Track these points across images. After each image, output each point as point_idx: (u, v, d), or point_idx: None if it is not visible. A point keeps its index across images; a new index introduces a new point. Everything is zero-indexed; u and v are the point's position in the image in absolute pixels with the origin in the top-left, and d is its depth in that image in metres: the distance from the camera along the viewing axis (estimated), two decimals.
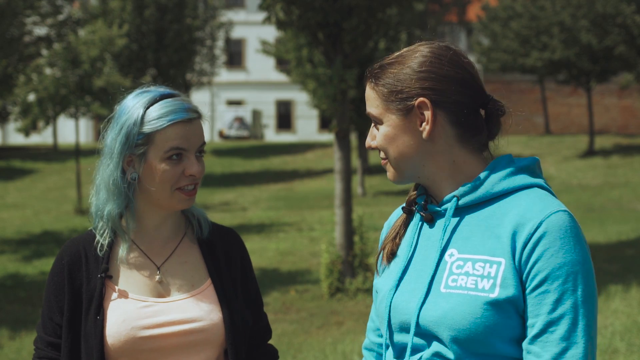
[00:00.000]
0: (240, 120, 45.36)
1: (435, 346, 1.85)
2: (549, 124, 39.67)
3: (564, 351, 1.76)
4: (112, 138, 2.26)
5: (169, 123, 2.22)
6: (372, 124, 1.99)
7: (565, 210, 1.83)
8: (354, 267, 12.03)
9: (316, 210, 22.12)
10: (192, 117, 2.25)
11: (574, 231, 1.82)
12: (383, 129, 1.94)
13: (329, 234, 17.12)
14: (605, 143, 32.74)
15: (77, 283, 2.27)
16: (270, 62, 45.00)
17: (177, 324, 2.24)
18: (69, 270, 2.27)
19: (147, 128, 2.22)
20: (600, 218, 18.75)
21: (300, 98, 42.95)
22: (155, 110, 2.23)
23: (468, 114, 1.91)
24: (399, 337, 1.94)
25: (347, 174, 12.13)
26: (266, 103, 47.99)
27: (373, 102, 1.96)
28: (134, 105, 2.25)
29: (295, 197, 25.19)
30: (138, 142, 2.23)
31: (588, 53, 29.09)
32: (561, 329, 1.77)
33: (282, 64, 40.35)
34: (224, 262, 2.37)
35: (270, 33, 37.15)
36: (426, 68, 1.91)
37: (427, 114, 1.90)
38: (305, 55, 17.93)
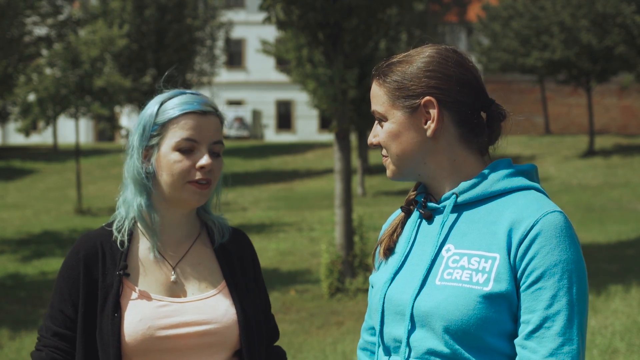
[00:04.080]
0: (240, 120, 45.35)
1: (429, 341, 1.87)
2: (549, 124, 39.66)
3: (560, 347, 1.79)
4: (133, 133, 2.31)
5: (180, 112, 2.25)
6: (376, 122, 2.02)
7: (560, 211, 1.87)
8: (354, 267, 12.03)
9: (316, 210, 22.12)
10: (206, 110, 2.27)
11: (569, 231, 1.85)
12: (387, 125, 1.98)
13: (329, 234, 17.12)
14: (605, 143, 32.73)
15: (93, 278, 2.26)
16: (270, 62, 44.98)
17: (194, 325, 2.23)
18: (85, 264, 2.26)
19: (160, 118, 2.26)
20: (600, 218, 18.75)
21: (300, 98, 42.94)
22: (170, 103, 2.28)
23: (471, 114, 1.96)
24: (392, 330, 1.96)
25: (347, 174, 12.12)
26: (266, 103, 47.98)
27: (379, 100, 2.00)
28: (153, 101, 2.32)
29: (295, 197, 25.19)
30: (153, 134, 2.26)
31: (588, 53, 29.08)
32: (557, 325, 1.79)
33: (282, 64, 40.32)
34: (238, 265, 2.37)
35: (270, 33, 37.14)
36: (433, 67, 1.95)
37: (433, 112, 1.94)
38: (305, 55, 17.89)
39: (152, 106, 2.29)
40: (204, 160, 2.23)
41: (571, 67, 30.08)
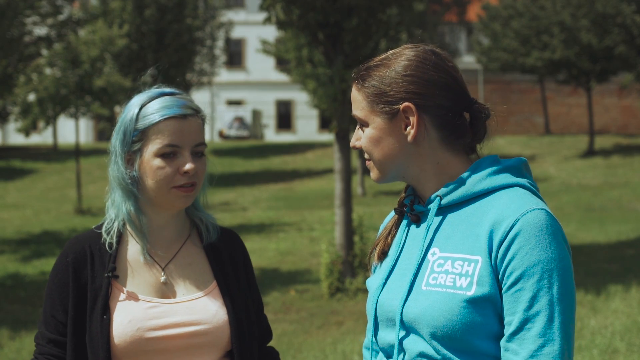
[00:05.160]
0: (240, 120, 45.33)
1: (420, 345, 1.88)
2: (549, 124, 39.66)
3: (540, 348, 1.77)
4: (114, 137, 2.30)
5: (161, 118, 2.22)
6: (358, 126, 2.01)
7: (542, 209, 1.84)
8: (354, 267, 12.03)
9: (316, 210, 22.12)
10: (187, 114, 2.25)
11: (550, 229, 1.82)
12: (368, 131, 1.97)
13: (329, 234, 17.12)
14: (605, 143, 32.74)
15: (82, 281, 2.25)
16: (270, 62, 44.99)
17: (184, 325, 2.23)
18: (74, 268, 2.26)
19: (141, 124, 2.24)
20: (600, 218, 18.75)
21: (300, 98, 42.93)
22: (150, 107, 2.25)
23: (452, 117, 1.94)
24: (385, 335, 1.96)
25: (347, 174, 12.12)
26: (266, 103, 47.98)
27: (359, 104, 1.98)
28: (132, 104, 2.29)
29: (295, 197, 25.19)
30: (134, 139, 2.25)
31: (588, 53, 29.10)
32: (537, 325, 1.78)
33: (282, 64, 40.33)
34: (229, 264, 2.36)
35: (270, 33, 37.13)
36: (411, 72, 1.93)
37: (412, 119, 1.92)
38: (305, 55, 17.90)
39: (131, 110, 2.26)
40: (188, 165, 2.22)
41: (571, 67, 30.09)
